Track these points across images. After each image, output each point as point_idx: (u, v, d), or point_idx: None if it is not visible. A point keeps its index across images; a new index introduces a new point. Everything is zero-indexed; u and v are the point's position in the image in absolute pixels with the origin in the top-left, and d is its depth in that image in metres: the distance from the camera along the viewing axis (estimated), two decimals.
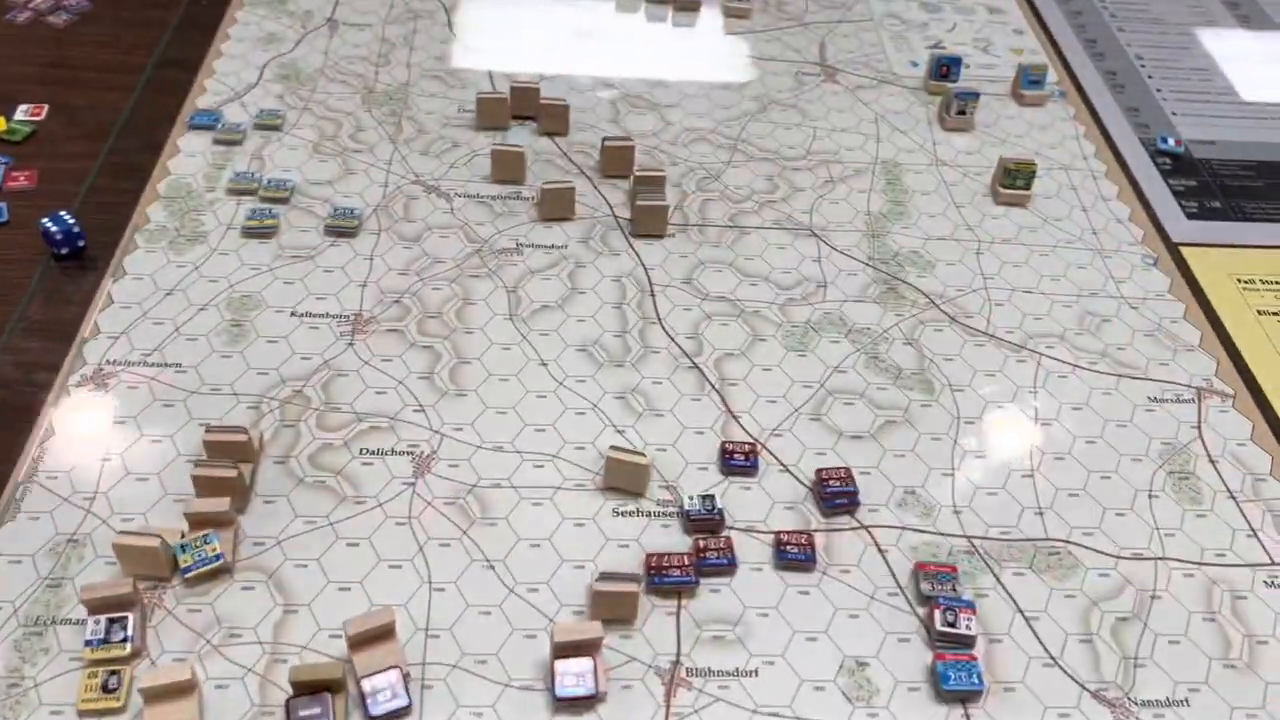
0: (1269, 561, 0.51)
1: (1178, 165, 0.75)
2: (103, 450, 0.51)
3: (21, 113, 0.70)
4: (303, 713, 0.42)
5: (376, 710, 0.42)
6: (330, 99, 0.73)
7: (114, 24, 0.79)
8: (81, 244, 0.60)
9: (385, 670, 0.43)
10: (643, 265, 0.64)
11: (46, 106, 0.70)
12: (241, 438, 0.49)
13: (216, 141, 0.68)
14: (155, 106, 0.71)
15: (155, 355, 0.56)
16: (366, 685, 0.43)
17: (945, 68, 0.78)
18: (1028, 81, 0.78)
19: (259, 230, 0.62)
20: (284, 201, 0.65)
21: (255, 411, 0.54)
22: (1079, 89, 0.81)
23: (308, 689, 0.42)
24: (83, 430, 0.52)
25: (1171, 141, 0.76)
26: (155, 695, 0.41)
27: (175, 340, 0.56)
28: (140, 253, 0.61)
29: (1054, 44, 0.86)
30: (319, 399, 0.54)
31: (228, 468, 0.48)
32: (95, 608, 0.44)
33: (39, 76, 0.73)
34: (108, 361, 0.55)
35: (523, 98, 0.72)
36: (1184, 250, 0.68)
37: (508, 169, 0.67)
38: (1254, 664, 0.48)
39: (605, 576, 0.46)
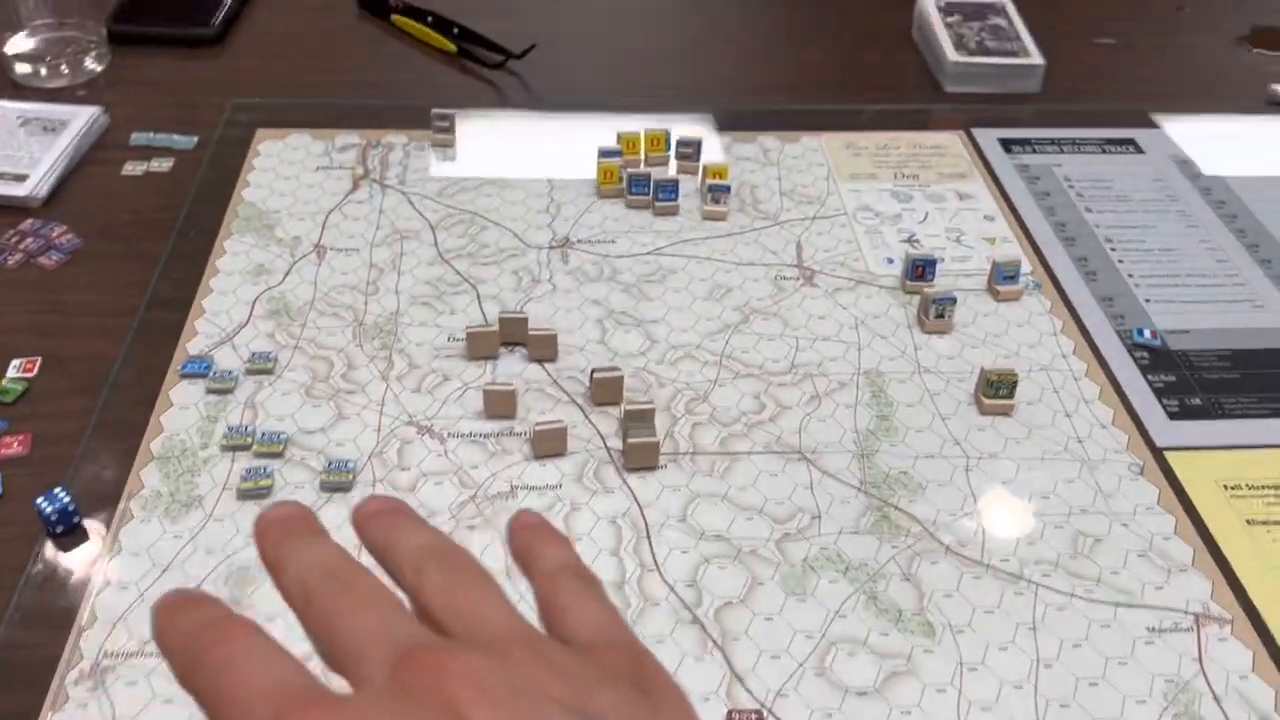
0: None
1: (1155, 359, 0.76)
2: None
3: (14, 369, 0.70)
4: None
5: None
6: (320, 335, 0.74)
7: (105, 260, 0.80)
8: (76, 520, 0.60)
9: None
10: (637, 503, 0.64)
11: (39, 360, 0.71)
12: None
13: (209, 391, 0.69)
14: (147, 354, 0.72)
15: (150, 646, 0.55)
16: None
17: (920, 269, 0.80)
18: (1002, 277, 0.80)
19: (254, 492, 0.63)
20: (278, 456, 0.65)
21: None
22: (1052, 277, 0.83)
23: None
24: None
25: (1148, 333, 0.78)
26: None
27: None
28: (135, 523, 0.61)
29: (1024, 228, 0.88)
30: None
31: None
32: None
33: (30, 326, 0.74)
34: (105, 654, 0.55)
35: (511, 327, 0.73)
36: (1168, 455, 0.69)
37: (499, 406, 0.68)
38: None
39: None
